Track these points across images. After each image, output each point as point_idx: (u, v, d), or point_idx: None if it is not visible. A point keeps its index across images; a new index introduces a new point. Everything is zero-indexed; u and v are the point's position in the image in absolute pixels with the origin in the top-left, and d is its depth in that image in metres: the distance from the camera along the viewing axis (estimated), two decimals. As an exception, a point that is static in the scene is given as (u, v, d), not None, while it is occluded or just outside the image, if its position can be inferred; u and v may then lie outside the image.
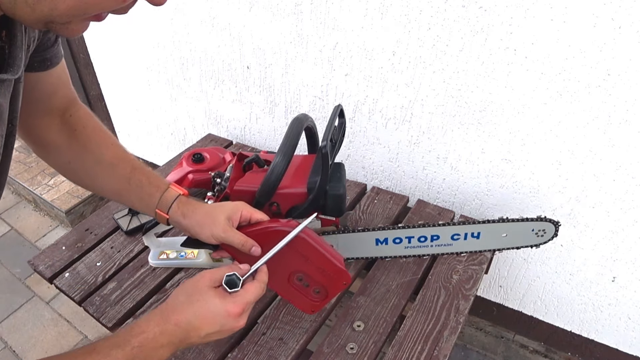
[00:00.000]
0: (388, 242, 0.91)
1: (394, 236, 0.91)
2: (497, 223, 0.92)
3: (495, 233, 0.93)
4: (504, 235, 0.93)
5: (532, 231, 0.91)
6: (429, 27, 0.98)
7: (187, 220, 0.71)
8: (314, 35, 1.14)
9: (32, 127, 0.71)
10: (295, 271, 0.70)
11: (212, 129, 1.59)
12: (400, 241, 0.91)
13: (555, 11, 0.84)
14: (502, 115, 1.01)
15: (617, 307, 1.15)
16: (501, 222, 0.91)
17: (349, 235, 0.93)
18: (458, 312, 0.88)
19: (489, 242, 0.95)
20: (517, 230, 0.92)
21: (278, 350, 0.83)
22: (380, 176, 1.30)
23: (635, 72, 0.83)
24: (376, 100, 1.15)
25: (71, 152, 0.74)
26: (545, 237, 0.93)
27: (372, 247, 0.93)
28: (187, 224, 0.71)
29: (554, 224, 0.90)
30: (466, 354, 1.43)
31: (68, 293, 0.95)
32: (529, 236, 0.93)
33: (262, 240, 0.68)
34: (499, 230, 0.93)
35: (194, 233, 0.71)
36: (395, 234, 0.91)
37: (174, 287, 0.95)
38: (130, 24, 1.52)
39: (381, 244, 0.92)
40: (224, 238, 0.68)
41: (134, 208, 0.83)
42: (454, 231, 0.92)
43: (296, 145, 0.79)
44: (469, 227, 0.92)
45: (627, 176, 0.95)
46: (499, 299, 1.35)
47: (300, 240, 0.66)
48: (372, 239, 0.91)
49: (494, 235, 0.94)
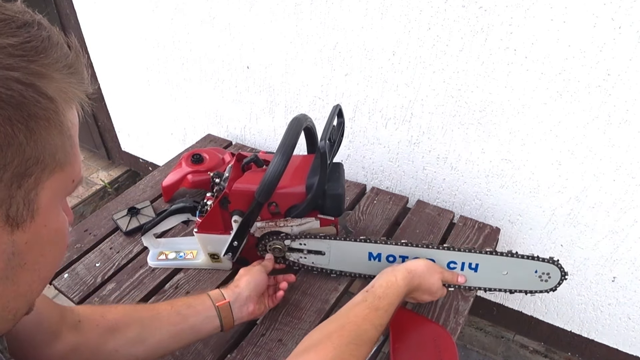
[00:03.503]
0: (381, 259, 0.88)
1: (387, 253, 0.86)
2: (499, 256, 0.81)
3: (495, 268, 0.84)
4: (505, 273, 0.83)
5: (535, 273, 0.82)
6: (429, 27, 0.97)
7: (240, 285, 0.80)
8: (314, 35, 1.14)
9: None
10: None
11: (212, 129, 1.59)
12: (394, 259, 0.87)
13: (555, 11, 0.84)
14: (502, 115, 1.01)
15: (617, 307, 1.15)
16: (504, 255, 0.81)
17: (342, 245, 0.88)
18: (458, 313, 0.88)
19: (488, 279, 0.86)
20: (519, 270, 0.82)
21: (277, 351, 0.82)
22: (380, 176, 1.29)
23: (635, 72, 0.83)
24: (376, 100, 1.15)
25: (110, 344, 0.67)
26: (550, 282, 0.83)
27: (364, 262, 0.89)
28: (241, 288, 0.80)
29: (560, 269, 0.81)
30: (466, 354, 1.43)
31: (67, 294, 0.95)
32: (533, 280, 0.83)
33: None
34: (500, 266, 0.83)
35: (256, 293, 0.82)
36: (389, 250, 0.86)
37: (173, 287, 0.95)
38: (130, 24, 1.52)
39: (374, 260, 0.88)
40: (261, 270, 0.85)
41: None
42: (451, 257, 0.85)
43: (295, 145, 0.79)
44: (467, 256, 0.83)
45: (627, 176, 0.95)
46: (499, 299, 1.35)
47: None
48: (365, 252, 0.87)
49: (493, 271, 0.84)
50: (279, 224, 0.87)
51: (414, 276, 0.77)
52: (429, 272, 0.80)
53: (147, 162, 2.00)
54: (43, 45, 0.34)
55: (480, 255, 0.83)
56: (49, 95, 0.34)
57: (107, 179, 2.16)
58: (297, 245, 0.89)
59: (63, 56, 0.36)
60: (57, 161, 0.36)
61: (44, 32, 0.35)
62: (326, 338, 0.63)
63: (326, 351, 0.60)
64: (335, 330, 0.65)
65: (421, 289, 0.80)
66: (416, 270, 0.78)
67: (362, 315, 0.69)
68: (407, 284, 0.76)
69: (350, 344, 0.62)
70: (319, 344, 0.62)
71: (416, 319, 0.86)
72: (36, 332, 0.58)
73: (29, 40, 0.33)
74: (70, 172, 0.38)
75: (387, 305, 0.72)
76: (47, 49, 0.34)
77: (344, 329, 0.65)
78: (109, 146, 2.14)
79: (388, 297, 0.73)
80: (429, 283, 0.80)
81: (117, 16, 1.53)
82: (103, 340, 0.65)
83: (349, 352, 0.61)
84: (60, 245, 0.41)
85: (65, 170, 0.37)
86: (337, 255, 0.90)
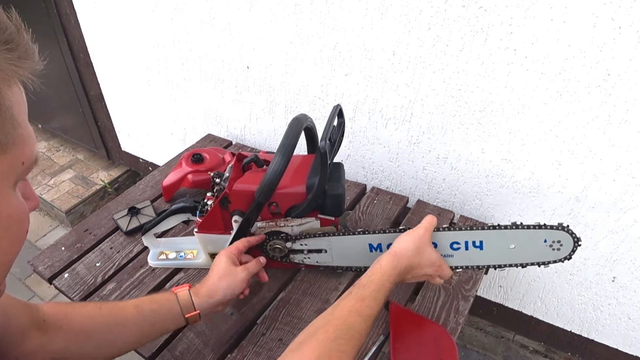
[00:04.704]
0: (382, 249, 0.85)
1: (387, 242, 0.84)
2: (503, 230, 0.78)
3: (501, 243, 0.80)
4: (512, 247, 0.79)
5: (545, 242, 0.77)
6: (429, 27, 0.97)
7: (215, 296, 0.76)
8: (314, 35, 1.14)
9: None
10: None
11: (212, 129, 1.59)
12: None
13: (555, 11, 0.84)
14: (502, 115, 1.01)
15: (617, 307, 1.15)
16: (508, 228, 0.77)
17: (342, 239, 0.87)
18: (458, 313, 0.88)
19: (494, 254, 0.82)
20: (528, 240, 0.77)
21: (277, 351, 0.82)
22: (380, 176, 1.30)
23: (635, 72, 0.83)
24: (376, 100, 1.15)
25: (74, 347, 0.67)
26: (563, 251, 0.77)
27: (366, 254, 0.87)
28: (217, 298, 0.76)
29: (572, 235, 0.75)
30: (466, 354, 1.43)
31: (67, 294, 0.95)
32: (544, 251, 0.78)
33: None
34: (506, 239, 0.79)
35: (230, 298, 0.78)
36: (389, 239, 0.83)
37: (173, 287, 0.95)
38: (130, 24, 1.52)
39: (375, 251, 0.86)
40: (245, 278, 0.79)
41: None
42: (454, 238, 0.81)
43: (295, 145, 0.79)
44: (470, 234, 0.80)
45: (627, 176, 0.95)
46: (499, 299, 1.35)
47: None
48: (366, 244, 0.86)
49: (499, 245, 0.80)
50: (280, 224, 0.87)
51: (400, 257, 0.73)
52: (417, 248, 0.75)
53: (147, 162, 2.00)
54: None
55: (484, 232, 0.79)
56: None
57: (107, 179, 2.16)
58: (298, 247, 0.89)
59: (0, 31, 0.33)
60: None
61: None
62: (311, 336, 0.60)
63: (311, 349, 0.58)
64: (320, 327, 0.62)
65: (415, 266, 0.75)
66: (401, 250, 0.74)
67: (347, 307, 0.66)
68: (394, 267, 0.72)
69: (338, 339, 0.60)
70: (304, 343, 0.60)
71: (416, 319, 0.86)
72: (5, 335, 0.57)
73: None
74: (16, 154, 0.36)
75: (373, 292, 0.68)
76: None
77: (329, 324, 0.62)
78: (109, 146, 2.14)
79: (373, 284, 0.69)
80: (420, 258, 0.75)
81: (117, 16, 1.53)
82: (67, 344, 0.65)
83: (336, 347, 0.59)
84: (15, 231, 0.38)
85: (9, 152, 0.35)
86: (339, 251, 0.89)
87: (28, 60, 0.36)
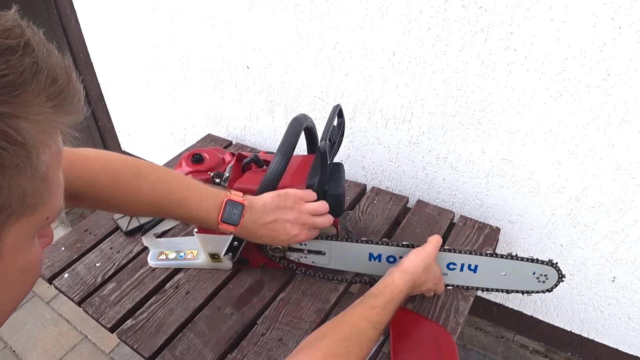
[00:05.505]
0: (381, 260, 0.88)
1: (388, 254, 0.87)
2: (498, 258, 0.83)
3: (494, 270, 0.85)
4: (503, 274, 0.85)
5: (534, 275, 0.83)
6: (429, 27, 0.97)
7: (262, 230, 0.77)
8: (314, 35, 1.14)
9: None
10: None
11: (212, 129, 1.59)
12: (395, 260, 0.87)
13: (555, 11, 0.84)
14: (502, 115, 1.01)
15: (617, 307, 1.15)
16: (503, 258, 0.82)
17: (343, 245, 0.88)
18: (458, 313, 0.88)
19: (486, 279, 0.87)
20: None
21: (277, 351, 0.82)
22: (380, 176, 1.29)
23: (635, 72, 0.83)
24: (376, 100, 1.15)
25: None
26: (547, 284, 0.84)
27: (364, 262, 0.89)
28: (262, 233, 0.77)
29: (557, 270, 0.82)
30: (466, 354, 1.43)
31: (67, 294, 0.95)
32: (530, 281, 0.85)
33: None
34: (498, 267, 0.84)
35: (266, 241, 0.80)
36: (390, 251, 0.86)
37: (174, 287, 0.95)
38: (130, 24, 1.52)
39: (374, 260, 0.88)
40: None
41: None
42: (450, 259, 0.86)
43: (295, 145, 0.79)
44: (467, 258, 0.85)
45: (627, 176, 0.95)
46: (499, 299, 1.35)
47: None
48: (366, 253, 0.88)
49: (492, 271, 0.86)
50: (279, 224, 0.87)
51: (412, 274, 0.78)
52: (426, 266, 0.80)
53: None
54: (22, 79, 0.29)
55: (480, 257, 0.84)
56: (21, 141, 0.29)
57: (107, 179, 2.15)
58: (297, 245, 0.89)
59: (49, 84, 0.31)
60: (27, 205, 0.31)
61: (28, 59, 0.30)
62: (321, 337, 0.62)
63: (320, 348, 0.59)
64: (330, 329, 0.64)
65: (422, 283, 0.81)
66: (412, 268, 0.79)
67: (357, 313, 0.68)
68: (406, 284, 0.76)
69: (347, 340, 0.62)
70: (314, 343, 0.61)
71: (416, 319, 0.86)
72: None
73: (5, 74, 0.28)
74: (42, 212, 0.34)
75: (384, 303, 0.71)
76: (26, 82, 0.29)
77: (339, 327, 0.64)
78: (109, 146, 2.14)
79: (384, 296, 0.73)
80: (427, 275, 0.81)
81: (117, 16, 1.53)
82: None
83: (345, 347, 0.60)
84: (30, 277, 0.38)
85: (36, 212, 0.33)
86: (337, 255, 0.90)
87: (73, 115, 0.33)
